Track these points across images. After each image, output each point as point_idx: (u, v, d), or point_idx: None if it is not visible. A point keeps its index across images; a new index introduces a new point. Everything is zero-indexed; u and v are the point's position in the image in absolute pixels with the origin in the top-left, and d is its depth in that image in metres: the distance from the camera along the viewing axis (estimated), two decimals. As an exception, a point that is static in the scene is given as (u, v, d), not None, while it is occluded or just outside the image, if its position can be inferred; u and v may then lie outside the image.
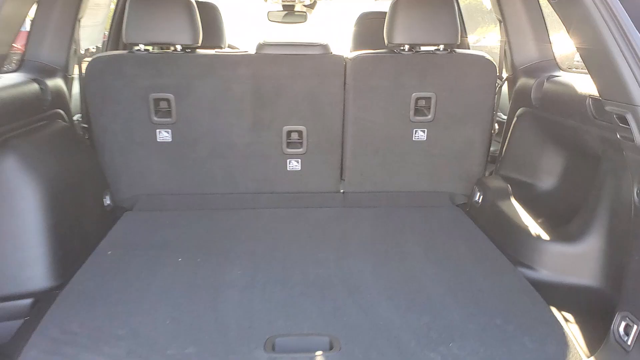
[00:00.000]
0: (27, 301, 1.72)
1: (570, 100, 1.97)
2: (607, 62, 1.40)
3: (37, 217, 1.80)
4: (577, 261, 1.79)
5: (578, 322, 1.63)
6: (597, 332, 1.51)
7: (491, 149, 2.71)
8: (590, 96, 1.83)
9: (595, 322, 1.57)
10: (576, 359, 1.43)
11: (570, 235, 1.85)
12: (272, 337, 1.49)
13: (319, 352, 1.44)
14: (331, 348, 1.45)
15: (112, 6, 3.52)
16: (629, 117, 1.38)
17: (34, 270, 1.76)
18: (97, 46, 3.39)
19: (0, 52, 1.50)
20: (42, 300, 1.71)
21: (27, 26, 2.49)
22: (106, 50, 3.29)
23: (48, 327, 1.55)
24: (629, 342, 1.36)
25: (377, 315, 1.60)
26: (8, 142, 1.79)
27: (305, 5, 3.91)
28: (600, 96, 1.52)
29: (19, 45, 2.44)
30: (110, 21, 3.41)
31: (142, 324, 1.57)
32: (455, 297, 1.71)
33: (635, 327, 1.35)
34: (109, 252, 2.03)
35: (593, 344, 1.49)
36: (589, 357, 1.44)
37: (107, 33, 3.40)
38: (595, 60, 1.49)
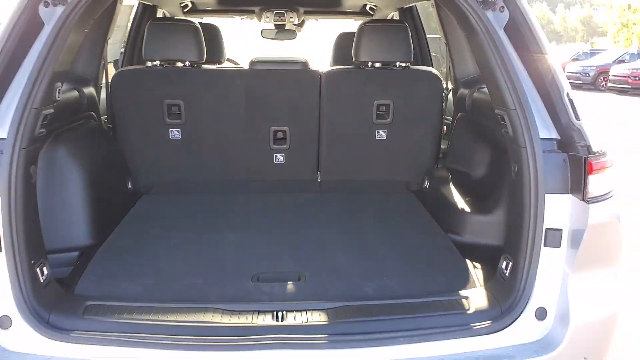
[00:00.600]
0: (75, 253, 2.29)
1: (488, 106, 2.56)
2: (493, 78, 1.99)
3: (80, 192, 2.37)
4: (489, 228, 2.37)
5: (483, 268, 2.21)
6: (493, 273, 2.09)
7: (443, 146, 3.31)
8: None
9: (494, 267, 2.15)
10: (472, 287, 2.01)
11: (485, 209, 2.43)
12: (257, 273, 2.07)
13: (290, 282, 2.02)
14: (299, 280, 2.04)
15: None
16: (505, 117, 1.97)
17: (79, 231, 2.33)
18: (115, 59, 3.99)
19: (64, 69, 2.08)
20: (85, 253, 2.28)
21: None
22: (122, 63, 3.89)
23: (93, 269, 2.13)
24: (506, 274, 1.94)
25: (333, 262, 2.19)
26: (60, 135, 2.37)
27: (294, 24, 4.50)
28: (492, 103, 2.12)
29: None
30: (126, 39, 4.02)
31: (163, 267, 2.15)
32: (394, 252, 2.30)
33: (510, 263, 1.93)
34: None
35: (488, 279, 2.08)
36: (481, 286, 2.03)
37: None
38: (487, 76, 2.09)
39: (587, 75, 26.08)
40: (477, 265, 2.23)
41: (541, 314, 1.83)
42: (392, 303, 1.89)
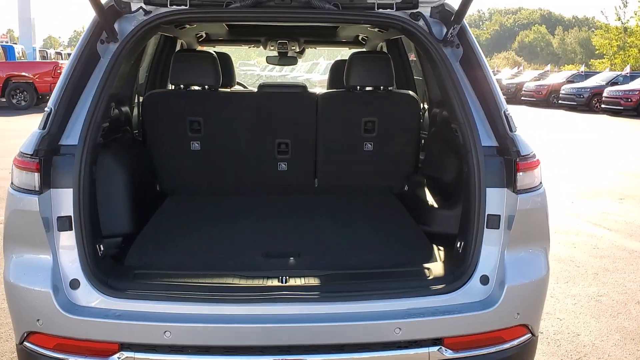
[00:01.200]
0: (119, 239, 2.84)
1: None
2: (449, 100, 2.56)
3: (122, 190, 2.93)
4: (451, 220, 2.90)
5: (445, 250, 2.75)
6: (452, 252, 2.63)
7: (421, 157, 3.88)
8: None
9: (453, 249, 2.69)
10: (433, 261, 2.56)
11: (448, 206, 2.98)
12: (266, 251, 2.62)
13: (291, 257, 2.57)
14: (298, 256, 2.59)
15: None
16: (458, 130, 2.53)
17: (121, 221, 2.89)
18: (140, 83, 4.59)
19: (115, 91, 2.66)
20: (127, 239, 2.83)
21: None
22: (146, 86, 4.49)
23: (136, 249, 2.68)
24: (460, 251, 2.47)
25: (325, 243, 2.75)
26: (107, 144, 2.93)
27: (296, 52, 5.12)
28: (448, 119, 2.70)
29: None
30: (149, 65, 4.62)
31: (190, 247, 2.70)
32: (374, 237, 2.86)
33: (463, 242, 2.46)
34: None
35: (447, 256, 2.62)
36: (441, 261, 2.57)
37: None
38: (446, 99, 2.66)
39: (582, 97, 26.72)
40: (441, 248, 2.78)
41: (484, 280, 2.35)
42: (369, 272, 2.44)
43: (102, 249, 2.41)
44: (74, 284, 2.24)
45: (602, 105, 25.07)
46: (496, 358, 2.32)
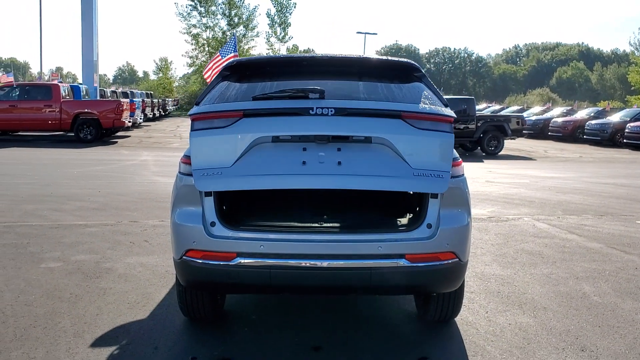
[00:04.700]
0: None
1: None
2: None
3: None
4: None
5: (413, 214, 4.73)
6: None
7: None
8: None
9: None
10: (404, 218, 4.56)
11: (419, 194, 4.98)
12: (311, 212, 4.67)
13: (325, 215, 4.61)
14: (328, 215, 4.63)
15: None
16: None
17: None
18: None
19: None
20: (232, 207, 4.93)
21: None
22: None
23: (241, 211, 4.78)
24: (418, 212, 4.47)
25: (343, 210, 4.78)
26: None
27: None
28: None
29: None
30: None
31: (270, 211, 4.79)
32: (373, 208, 4.88)
33: (419, 208, 4.46)
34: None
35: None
36: (407, 219, 4.56)
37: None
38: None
39: (605, 132, 27.92)
40: (411, 214, 4.76)
41: (429, 225, 4.23)
42: (365, 222, 4.46)
43: (224, 208, 4.52)
44: (212, 224, 4.23)
45: (624, 140, 26.24)
46: (435, 269, 4.16)
